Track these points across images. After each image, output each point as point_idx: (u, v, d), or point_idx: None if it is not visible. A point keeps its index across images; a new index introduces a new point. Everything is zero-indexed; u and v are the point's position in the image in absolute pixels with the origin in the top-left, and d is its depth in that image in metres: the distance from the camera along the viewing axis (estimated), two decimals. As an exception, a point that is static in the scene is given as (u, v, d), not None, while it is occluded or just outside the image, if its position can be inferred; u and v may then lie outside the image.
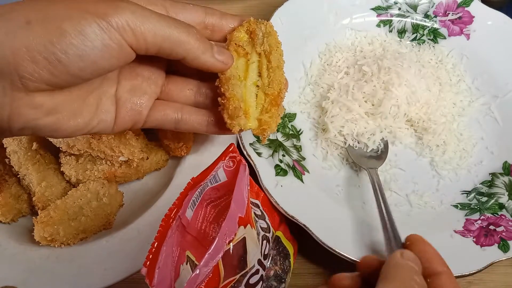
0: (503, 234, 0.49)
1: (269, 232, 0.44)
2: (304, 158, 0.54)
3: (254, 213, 0.42)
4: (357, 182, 0.54)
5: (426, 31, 0.65)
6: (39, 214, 0.48)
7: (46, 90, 0.32)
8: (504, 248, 0.47)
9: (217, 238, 0.33)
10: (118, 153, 0.50)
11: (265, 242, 0.42)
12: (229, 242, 0.34)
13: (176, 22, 0.35)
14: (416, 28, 0.65)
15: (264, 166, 0.50)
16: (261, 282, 0.39)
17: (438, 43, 0.65)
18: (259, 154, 0.51)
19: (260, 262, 0.40)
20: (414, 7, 0.65)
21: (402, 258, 0.33)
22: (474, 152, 0.57)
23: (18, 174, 0.52)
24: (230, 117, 0.40)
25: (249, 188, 0.38)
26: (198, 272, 0.31)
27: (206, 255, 0.32)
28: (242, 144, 0.50)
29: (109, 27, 0.31)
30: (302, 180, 0.52)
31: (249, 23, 0.42)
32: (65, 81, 0.32)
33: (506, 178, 0.54)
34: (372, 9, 0.65)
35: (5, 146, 0.52)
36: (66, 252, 0.47)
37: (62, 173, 0.52)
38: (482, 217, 0.51)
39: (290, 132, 0.56)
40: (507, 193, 0.53)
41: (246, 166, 0.39)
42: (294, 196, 0.49)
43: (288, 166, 0.52)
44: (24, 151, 0.51)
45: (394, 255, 0.34)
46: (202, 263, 0.32)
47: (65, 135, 0.36)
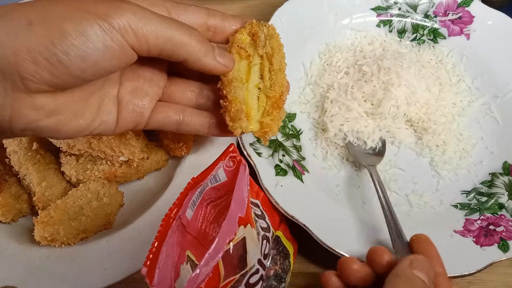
0: (503, 234, 0.49)
1: (269, 232, 0.44)
2: (304, 158, 0.54)
3: (254, 213, 0.42)
4: (357, 182, 0.54)
5: (426, 31, 0.65)
6: (39, 214, 0.48)
7: (47, 91, 0.32)
8: (504, 248, 0.47)
9: (217, 238, 0.33)
10: (118, 153, 0.50)
11: (265, 242, 0.42)
12: (229, 242, 0.34)
13: (178, 24, 0.35)
14: (416, 28, 0.65)
15: (264, 166, 0.50)
16: (261, 282, 0.39)
17: (438, 43, 0.65)
18: (259, 154, 0.51)
19: (260, 262, 0.40)
20: (414, 7, 0.65)
21: (411, 269, 0.31)
22: (474, 152, 0.57)
23: (18, 174, 0.52)
24: (232, 119, 0.40)
25: (249, 188, 0.38)
26: (198, 272, 0.31)
27: (206, 255, 0.32)
28: (242, 144, 0.50)
29: (110, 28, 0.31)
30: (302, 180, 0.52)
31: (251, 25, 0.42)
32: (66, 82, 0.32)
33: (506, 178, 0.54)
34: (372, 9, 0.65)
35: (5, 146, 0.52)
36: (66, 252, 0.47)
37: (63, 173, 0.52)
38: (482, 217, 0.51)
39: (290, 132, 0.56)
40: (507, 193, 0.53)
41: (246, 166, 0.39)
42: (294, 196, 0.49)
43: (288, 166, 0.52)
44: (24, 151, 0.51)
45: (403, 263, 0.32)
46: (202, 263, 0.32)
47: (66, 136, 0.36)
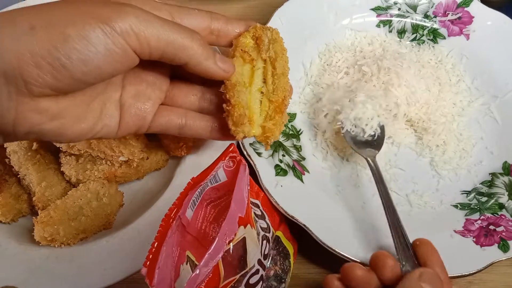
0: (503, 234, 0.49)
1: (269, 232, 0.44)
2: (304, 158, 0.54)
3: (254, 213, 0.42)
4: (357, 182, 0.54)
5: (425, 31, 0.65)
6: (39, 214, 0.48)
7: (50, 95, 0.32)
8: (504, 248, 0.47)
9: (217, 238, 0.33)
10: (118, 153, 0.50)
11: (265, 242, 0.42)
12: (229, 242, 0.34)
13: (180, 27, 0.35)
14: (415, 28, 0.65)
15: (264, 166, 0.50)
16: (261, 282, 0.39)
17: (437, 43, 0.65)
18: (259, 154, 0.51)
19: (260, 262, 0.40)
20: (414, 7, 0.65)
21: (420, 282, 0.31)
22: (474, 152, 0.57)
23: (18, 174, 0.52)
24: (234, 124, 0.39)
25: (249, 188, 0.38)
26: (198, 272, 0.31)
27: (206, 255, 0.32)
28: (242, 144, 0.50)
29: (112, 32, 0.31)
30: (302, 180, 0.52)
31: (255, 29, 0.42)
32: (69, 86, 0.32)
33: (506, 178, 0.54)
34: (372, 9, 0.65)
35: (5, 146, 0.52)
36: (66, 252, 0.47)
37: (62, 173, 0.52)
38: (482, 217, 0.51)
39: (290, 132, 0.56)
40: (507, 193, 0.53)
41: (246, 166, 0.39)
42: (294, 196, 0.49)
43: (288, 166, 0.52)
44: (24, 151, 0.51)
45: (412, 276, 0.32)
46: (202, 263, 0.32)
47: (69, 140, 0.36)
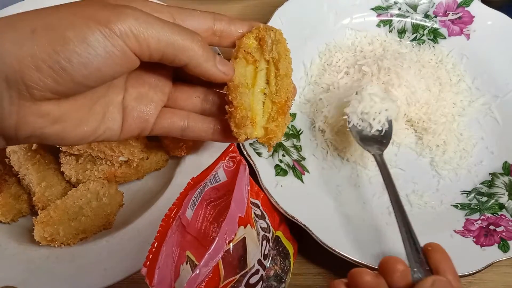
0: (503, 234, 0.49)
1: (269, 232, 0.44)
2: (304, 158, 0.54)
3: (254, 213, 0.42)
4: (357, 182, 0.54)
5: (426, 31, 0.65)
6: (39, 214, 0.48)
7: (52, 99, 0.32)
8: (504, 248, 0.47)
9: (217, 238, 0.33)
10: (118, 153, 0.50)
11: (265, 242, 0.42)
12: (229, 242, 0.34)
13: (180, 29, 0.35)
14: (416, 28, 0.65)
15: (264, 166, 0.50)
16: (261, 282, 0.39)
17: (438, 43, 0.65)
18: (259, 154, 0.51)
19: (260, 262, 0.40)
20: (414, 7, 0.65)
21: None
22: (474, 152, 0.57)
23: (18, 174, 0.52)
24: (237, 126, 0.39)
25: (249, 188, 0.38)
26: (198, 272, 0.31)
27: (206, 255, 0.32)
28: (242, 144, 0.50)
29: (112, 34, 0.31)
30: (302, 180, 0.52)
31: (258, 30, 0.42)
32: (70, 89, 0.32)
33: (506, 178, 0.54)
34: (372, 9, 0.65)
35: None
36: (66, 252, 0.47)
37: (62, 173, 0.52)
38: (482, 217, 0.51)
39: (290, 132, 0.56)
40: (507, 193, 0.53)
41: (246, 166, 0.39)
42: (294, 196, 0.49)
43: (288, 166, 0.52)
44: (24, 151, 0.51)
45: (424, 284, 0.32)
46: (202, 263, 0.32)
47: (71, 143, 0.36)
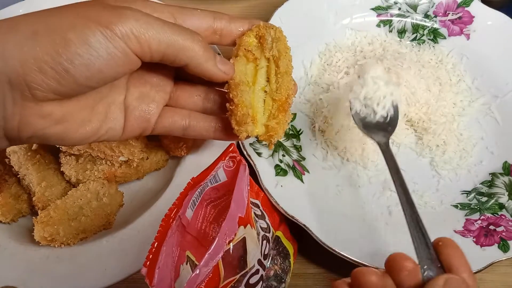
0: (503, 234, 0.49)
1: (269, 232, 0.44)
2: (304, 158, 0.54)
3: (254, 213, 0.42)
4: (357, 182, 0.54)
5: (426, 31, 0.65)
6: (39, 214, 0.48)
7: (54, 100, 0.32)
8: (504, 248, 0.47)
9: (217, 238, 0.33)
10: (118, 153, 0.50)
11: (265, 242, 0.42)
12: (229, 242, 0.34)
13: (180, 29, 0.35)
14: (416, 28, 0.65)
15: (264, 166, 0.50)
16: (261, 282, 0.39)
17: (438, 43, 0.65)
18: (259, 154, 0.51)
19: (260, 262, 0.40)
20: (414, 7, 0.65)
21: None
22: (474, 152, 0.57)
23: (18, 174, 0.52)
24: (238, 123, 0.39)
25: (249, 188, 0.38)
26: (198, 272, 0.31)
27: (206, 255, 0.32)
28: (242, 144, 0.50)
29: (113, 36, 0.31)
30: (302, 180, 0.52)
31: (258, 28, 0.42)
32: (72, 90, 0.32)
33: (506, 178, 0.54)
34: (372, 9, 0.65)
35: (5, 146, 0.52)
36: (66, 252, 0.47)
37: (62, 173, 0.52)
38: (482, 217, 0.51)
39: (290, 132, 0.56)
40: (507, 193, 0.53)
41: (246, 166, 0.39)
42: (294, 196, 0.49)
43: (288, 166, 0.52)
44: (24, 151, 0.51)
45: (436, 283, 0.31)
46: (202, 263, 0.32)
47: (73, 144, 0.36)
